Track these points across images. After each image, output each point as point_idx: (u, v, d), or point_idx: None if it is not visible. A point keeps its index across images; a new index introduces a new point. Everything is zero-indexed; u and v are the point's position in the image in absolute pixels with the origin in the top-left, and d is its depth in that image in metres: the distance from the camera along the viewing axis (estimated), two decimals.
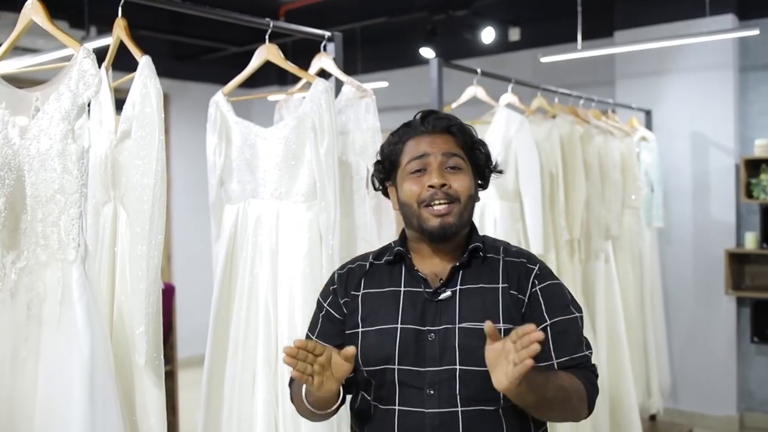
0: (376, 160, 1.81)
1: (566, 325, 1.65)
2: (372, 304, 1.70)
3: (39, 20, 1.96)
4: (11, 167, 1.89)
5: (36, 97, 1.94)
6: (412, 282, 1.70)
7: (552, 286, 1.69)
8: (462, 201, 1.66)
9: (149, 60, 2.02)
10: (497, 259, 1.71)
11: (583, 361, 1.64)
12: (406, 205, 1.70)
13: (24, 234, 1.89)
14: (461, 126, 1.73)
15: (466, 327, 1.61)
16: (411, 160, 1.69)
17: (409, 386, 1.62)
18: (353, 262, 1.81)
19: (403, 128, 1.76)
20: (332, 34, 2.73)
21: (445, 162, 1.67)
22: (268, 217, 2.49)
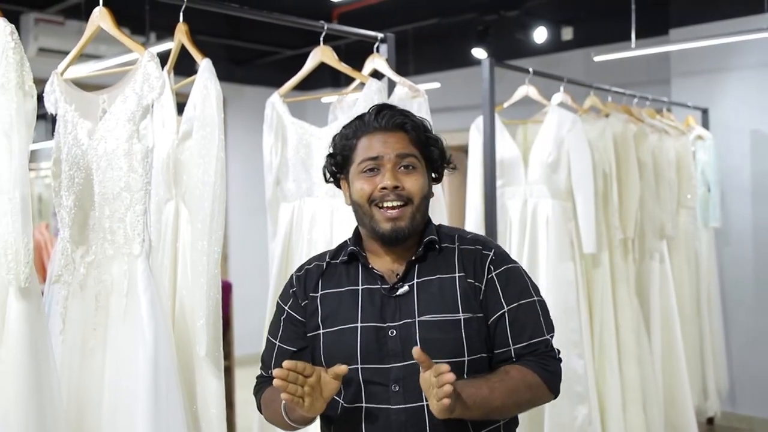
0: (328, 152, 1.78)
1: (524, 309, 1.64)
2: (331, 304, 1.68)
3: (106, 27, 2.06)
4: (80, 166, 1.98)
5: (103, 99, 2.04)
6: (370, 279, 1.68)
7: (508, 270, 1.67)
8: (415, 202, 1.64)
9: (209, 63, 2.10)
10: (452, 248, 1.69)
11: (541, 346, 1.63)
12: (358, 204, 1.67)
13: (92, 230, 1.99)
14: (415, 123, 1.69)
15: (426, 320, 1.60)
16: (364, 160, 1.66)
17: (374, 384, 1.61)
18: (310, 263, 1.78)
19: (356, 122, 1.72)
20: (385, 35, 2.78)
21: (399, 162, 1.64)
22: (322, 214, 2.55)
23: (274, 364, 1.70)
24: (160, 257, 2.21)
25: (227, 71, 6.80)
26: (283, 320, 1.74)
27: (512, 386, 1.57)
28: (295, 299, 1.73)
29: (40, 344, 1.76)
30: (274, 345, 1.74)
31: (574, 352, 3.23)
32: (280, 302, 1.77)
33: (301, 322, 1.72)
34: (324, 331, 1.67)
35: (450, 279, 1.65)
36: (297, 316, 1.73)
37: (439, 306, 1.62)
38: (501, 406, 1.55)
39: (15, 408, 1.70)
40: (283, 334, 1.74)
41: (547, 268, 3.26)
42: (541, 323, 1.66)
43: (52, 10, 5.23)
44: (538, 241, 3.30)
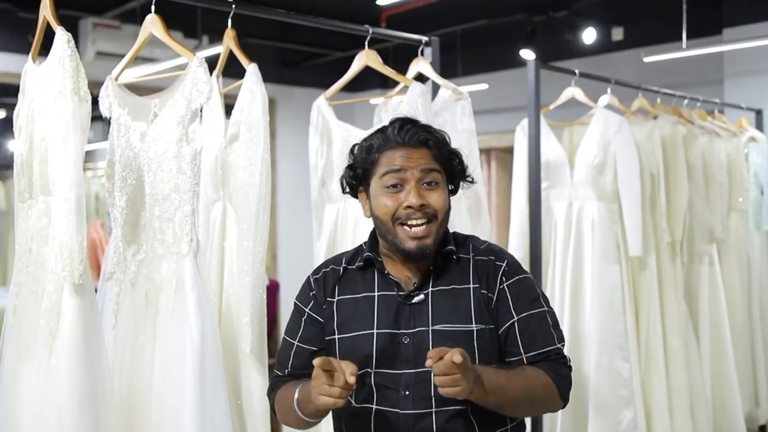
0: (348, 163, 1.77)
1: (534, 319, 1.66)
2: (347, 310, 1.70)
3: (157, 33, 2.13)
4: (132, 168, 2.06)
5: (154, 103, 2.11)
6: (386, 286, 1.69)
7: (519, 281, 1.69)
8: (439, 218, 1.65)
9: (256, 67, 2.16)
10: (468, 258, 1.70)
11: (552, 353, 1.65)
12: (380, 221, 1.67)
13: (143, 229, 2.06)
14: (437, 139, 1.69)
15: (439, 329, 1.63)
16: (387, 174, 1.65)
17: (385, 388, 1.64)
18: (327, 266, 1.80)
19: (377, 135, 1.71)
20: (429, 38, 2.80)
21: (423, 178, 1.64)
22: (365, 218, 2.59)
23: (292, 364, 1.75)
24: (208, 256, 2.28)
25: (277, 73, 6.91)
26: (304, 321, 1.76)
27: (528, 382, 1.60)
28: (316, 301, 1.75)
29: (93, 339, 1.84)
30: (292, 345, 1.76)
31: (620, 356, 3.21)
32: (299, 304, 1.78)
33: (321, 324, 1.74)
34: (339, 336, 1.69)
35: (465, 290, 1.66)
36: (317, 317, 1.75)
37: (453, 316, 1.64)
38: (516, 399, 1.58)
39: (69, 400, 1.77)
40: (303, 334, 1.75)
41: (592, 270, 3.24)
42: (552, 333, 1.68)
43: (109, 14, 5.38)
44: (584, 243, 3.29)
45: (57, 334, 1.79)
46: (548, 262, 3.33)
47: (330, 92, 2.71)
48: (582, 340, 3.23)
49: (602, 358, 3.19)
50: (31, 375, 1.82)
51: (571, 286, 3.27)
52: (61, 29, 1.85)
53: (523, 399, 1.59)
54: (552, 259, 3.34)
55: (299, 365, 1.74)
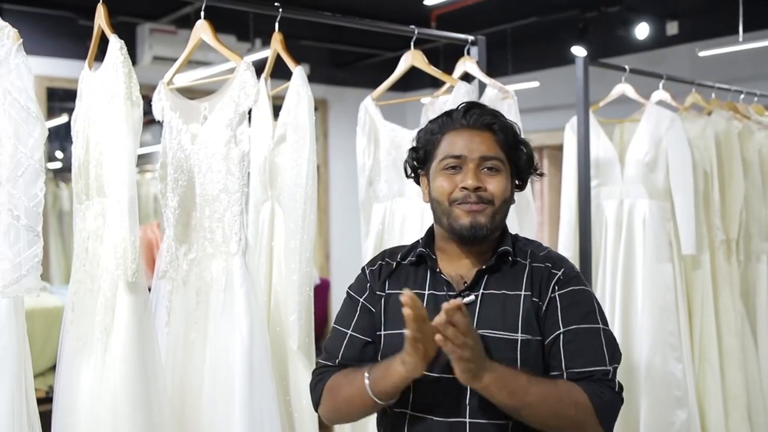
0: (412, 146, 1.73)
1: (582, 334, 1.54)
2: (395, 306, 1.58)
3: (207, 38, 2.19)
4: (183, 170, 2.12)
5: (204, 106, 2.17)
6: (436, 285, 1.62)
7: (573, 292, 1.58)
8: (496, 204, 1.58)
9: (302, 70, 2.20)
10: (524, 264, 1.62)
11: (597, 374, 1.51)
12: (437, 202, 1.62)
13: (194, 229, 2.12)
14: (504, 124, 1.64)
15: (483, 334, 1.52)
16: (446, 157, 1.61)
17: (422, 392, 1.56)
18: (382, 258, 1.74)
19: (443, 118, 1.67)
20: (476, 37, 2.81)
21: (482, 164, 1.59)
22: (413, 215, 2.61)
23: (343, 354, 1.66)
24: (257, 255, 2.33)
25: (329, 74, 6.97)
26: (359, 309, 1.69)
27: (555, 394, 1.47)
28: (371, 292, 1.69)
29: (146, 335, 1.91)
30: (345, 334, 1.67)
31: (672, 356, 3.16)
32: (353, 294, 1.71)
33: (374, 315, 1.67)
34: (385, 332, 1.63)
35: (515, 296, 1.57)
36: (372, 308, 1.68)
37: (500, 322, 1.55)
38: (534, 405, 1.44)
39: (123, 394, 1.84)
40: (357, 323, 1.68)
41: (643, 269, 3.20)
42: (603, 352, 1.54)
43: (165, 20, 5.51)
44: (635, 241, 3.25)
45: (112, 331, 1.86)
46: (598, 261, 3.30)
47: (377, 93, 2.74)
48: (633, 340, 3.19)
49: (654, 358, 3.15)
50: (88, 369, 1.89)
51: (622, 286, 3.23)
52: (114, 36, 1.92)
53: (544, 408, 1.45)
54: (602, 258, 3.31)
55: (351, 356, 1.65)
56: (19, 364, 1.70)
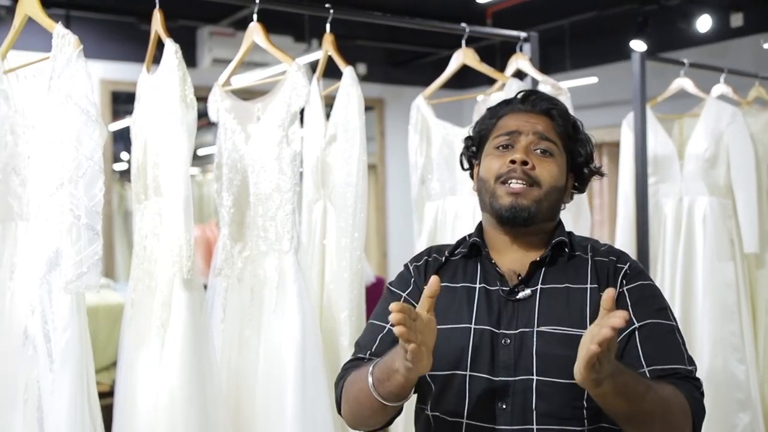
0: (468, 135, 1.62)
1: (659, 329, 1.40)
2: (444, 300, 1.45)
3: (259, 40, 2.23)
4: (237, 170, 2.17)
5: (258, 107, 2.22)
6: (489, 278, 1.48)
7: (643, 286, 1.45)
8: (543, 187, 1.45)
9: (352, 70, 2.23)
10: (585, 258, 1.49)
11: (682, 371, 1.37)
12: (483, 181, 1.50)
13: (248, 227, 2.17)
14: (563, 112, 1.53)
15: (545, 331, 1.38)
16: (499, 135, 1.51)
17: (479, 397, 1.40)
18: (429, 254, 1.60)
19: (500, 105, 1.59)
20: (528, 34, 2.79)
21: (536, 142, 1.48)
22: (465, 213, 2.61)
23: (377, 348, 1.50)
24: (310, 253, 2.37)
25: (386, 73, 7.00)
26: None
27: (666, 401, 1.29)
28: (416, 287, 1.54)
29: (201, 331, 1.96)
30: (383, 328, 1.51)
31: (735, 357, 3.09)
32: (395, 289, 1.57)
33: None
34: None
35: (581, 290, 1.44)
36: (416, 304, 1.41)
37: (565, 318, 1.40)
38: (650, 413, 1.27)
39: (179, 387, 1.89)
40: None
41: (704, 267, 3.13)
42: (682, 350, 1.40)
43: (224, 22, 5.62)
44: (695, 239, 3.18)
45: (168, 327, 1.92)
46: (657, 260, 3.24)
47: (428, 91, 2.75)
48: (694, 340, 3.12)
49: (716, 359, 3.08)
50: (146, 364, 1.95)
51: (682, 285, 3.17)
52: (169, 40, 1.98)
53: (657, 414, 1.28)
54: (661, 257, 3.25)
55: (385, 351, 1.42)
56: (81, 358, 1.76)
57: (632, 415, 1.27)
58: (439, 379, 1.42)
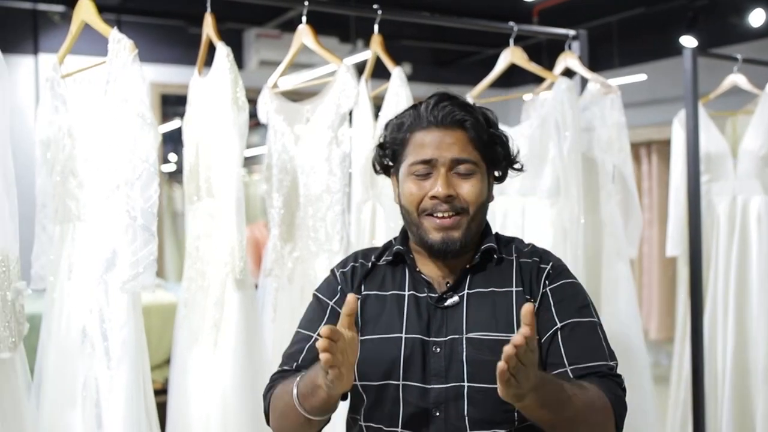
0: (378, 142, 1.56)
1: (581, 328, 1.41)
2: (373, 308, 1.46)
3: (308, 42, 2.25)
4: (287, 171, 2.19)
5: (307, 109, 2.24)
6: (417, 285, 1.47)
7: (565, 285, 1.45)
8: (471, 212, 1.42)
9: (401, 70, 2.23)
10: (510, 260, 1.48)
11: (603, 369, 1.38)
12: (406, 210, 1.47)
13: (298, 228, 2.19)
14: (476, 120, 1.45)
15: (474, 338, 1.39)
16: (415, 163, 1.44)
17: (413, 405, 1.39)
18: (355, 260, 1.56)
19: (409, 113, 1.50)
20: (577, 32, 2.76)
21: (454, 167, 1.43)
22: (514, 213, 2.60)
23: (304, 357, 1.47)
24: None
25: (432, 73, 6.99)
26: (327, 313, 1.50)
27: (589, 402, 1.31)
28: (342, 295, 1.49)
29: (253, 331, 1.98)
30: (310, 337, 1.48)
31: None
32: (322, 297, 1.53)
33: None
34: (363, 338, 1.42)
35: (506, 294, 1.44)
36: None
37: (492, 323, 1.40)
38: (570, 420, 1.29)
39: (232, 386, 1.92)
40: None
41: (758, 269, 3.06)
42: (603, 346, 1.42)
43: (271, 24, 5.67)
44: (749, 240, 3.11)
45: (221, 326, 1.95)
46: (710, 261, 3.17)
47: (476, 91, 2.74)
48: (749, 342, 3.05)
49: None
50: (199, 363, 1.98)
51: (736, 286, 3.10)
52: (221, 44, 2.01)
53: (580, 419, 1.30)
54: (714, 258, 3.18)
55: (312, 361, 1.40)
56: (137, 356, 1.79)
57: (556, 423, 1.29)
58: (372, 390, 1.41)
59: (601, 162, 2.63)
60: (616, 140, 2.60)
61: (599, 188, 2.64)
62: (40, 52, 5.20)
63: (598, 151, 2.64)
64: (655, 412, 2.63)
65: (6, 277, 1.66)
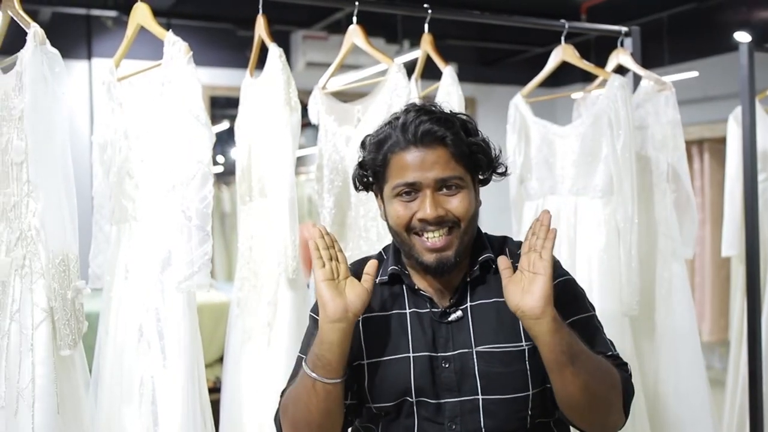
0: (358, 161, 1.52)
1: (584, 322, 1.42)
2: (376, 330, 1.44)
3: (359, 42, 2.25)
4: (338, 171, 2.20)
5: (358, 109, 2.24)
6: (417, 301, 1.45)
7: (561, 283, 1.44)
8: (462, 225, 1.40)
9: (452, 70, 2.22)
10: None
11: (610, 360, 1.41)
12: (395, 231, 1.44)
13: (349, 228, 2.19)
14: (455, 134, 1.41)
15: (485, 351, 1.39)
16: (398, 185, 1.41)
17: (428, 421, 1.40)
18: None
19: (386, 132, 1.44)
20: (629, 28, 2.72)
21: (439, 187, 1.40)
22: (566, 212, 2.57)
23: None
24: None
25: (477, 73, 6.95)
26: None
27: (604, 368, 1.35)
28: None
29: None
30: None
31: None
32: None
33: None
34: (369, 361, 1.43)
35: (504, 303, 1.38)
36: None
37: (499, 334, 1.40)
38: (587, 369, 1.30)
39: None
40: None
41: None
42: (603, 337, 1.45)
43: (317, 26, 5.71)
44: None
45: (274, 325, 1.96)
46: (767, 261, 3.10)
47: (527, 89, 2.71)
48: None
49: None
50: (252, 361, 2.00)
51: None
52: (273, 45, 2.02)
53: (594, 375, 1.31)
54: None
55: None
56: (192, 355, 1.82)
57: (566, 364, 1.28)
58: (387, 410, 1.42)
59: (655, 160, 2.58)
60: (670, 138, 2.55)
61: (653, 187, 2.59)
62: (94, 56, 5.31)
63: (651, 149, 2.59)
64: (711, 417, 2.57)
65: (66, 276, 1.69)
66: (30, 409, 1.63)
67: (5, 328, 1.68)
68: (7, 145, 1.72)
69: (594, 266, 2.44)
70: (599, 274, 2.43)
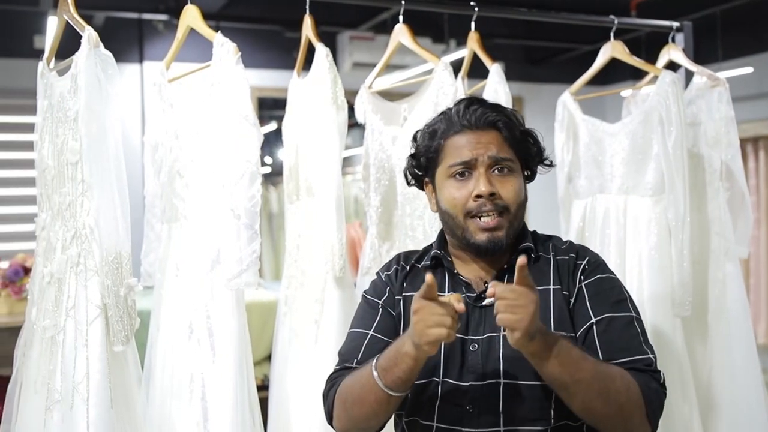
0: (410, 153, 1.61)
1: (617, 322, 1.42)
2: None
3: (406, 41, 2.25)
4: (385, 170, 2.20)
5: (404, 108, 2.24)
6: (455, 286, 1.52)
7: (600, 280, 1.47)
8: (512, 210, 1.47)
9: (499, 68, 2.21)
10: (548, 258, 1.51)
11: (640, 364, 1.39)
12: (449, 215, 1.50)
13: (395, 227, 2.19)
14: (509, 119, 1.50)
15: None
16: (454, 164, 1.48)
17: (448, 402, 1.44)
18: (397, 262, 1.63)
19: (441, 120, 1.54)
20: (681, 23, 2.67)
21: (493, 165, 1.47)
22: (615, 211, 2.53)
23: (364, 354, 1.50)
24: None
25: (524, 71, 6.89)
26: (380, 312, 1.56)
27: (608, 375, 1.33)
28: (390, 295, 1.58)
29: None
30: (366, 335, 1.54)
31: None
32: (372, 298, 1.59)
33: (394, 318, 1.56)
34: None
35: (544, 292, 1.46)
36: (392, 311, 1.57)
37: None
38: (584, 382, 1.30)
39: None
40: (379, 324, 1.54)
41: None
42: (640, 341, 1.43)
43: (364, 27, 5.72)
44: None
45: (321, 323, 1.97)
46: None
47: (575, 87, 2.68)
48: None
49: None
50: (300, 359, 2.01)
51: None
52: (321, 45, 2.03)
53: (595, 386, 1.31)
54: None
55: (372, 356, 1.45)
56: (241, 352, 1.84)
57: (568, 383, 1.30)
58: (415, 388, 1.44)
59: (707, 158, 2.53)
60: (724, 135, 2.49)
61: (706, 185, 2.54)
62: (145, 60, 5.41)
63: (704, 146, 2.54)
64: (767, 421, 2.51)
65: (119, 274, 1.73)
66: (85, 404, 1.66)
67: (61, 324, 1.72)
68: (63, 146, 1.76)
69: (644, 266, 2.40)
70: (650, 274, 2.39)
